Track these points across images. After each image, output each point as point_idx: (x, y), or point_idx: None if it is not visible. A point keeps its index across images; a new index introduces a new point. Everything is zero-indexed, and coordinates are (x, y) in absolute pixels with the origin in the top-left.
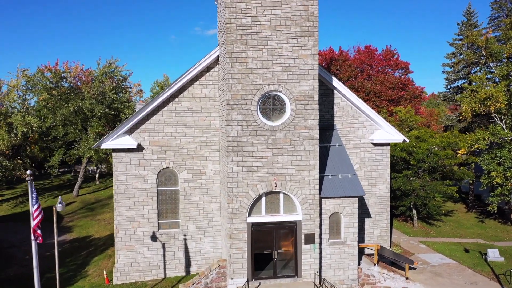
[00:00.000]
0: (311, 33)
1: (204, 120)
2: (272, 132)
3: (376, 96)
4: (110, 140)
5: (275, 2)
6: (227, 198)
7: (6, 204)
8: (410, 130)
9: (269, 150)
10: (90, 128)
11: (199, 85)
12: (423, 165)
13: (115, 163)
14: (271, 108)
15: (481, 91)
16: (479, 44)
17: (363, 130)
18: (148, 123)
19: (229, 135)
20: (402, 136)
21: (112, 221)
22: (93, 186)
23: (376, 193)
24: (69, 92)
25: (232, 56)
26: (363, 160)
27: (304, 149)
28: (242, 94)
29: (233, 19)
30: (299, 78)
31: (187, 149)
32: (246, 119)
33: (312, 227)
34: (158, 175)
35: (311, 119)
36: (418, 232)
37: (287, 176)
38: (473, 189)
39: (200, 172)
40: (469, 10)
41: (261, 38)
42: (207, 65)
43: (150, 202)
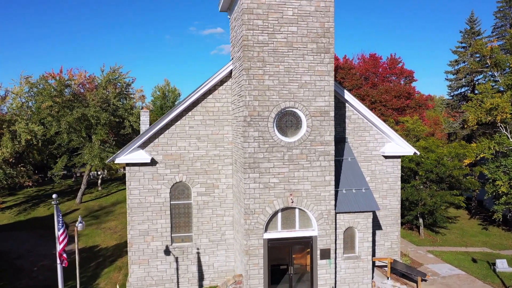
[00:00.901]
0: (327, 50)
1: (217, 134)
2: (288, 148)
3: (382, 105)
4: (124, 154)
5: (292, 19)
6: (244, 214)
7: (9, 211)
8: (417, 140)
9: (285, 166)
10: (94, 136)
11: (212, 99)
12: (431, 175)
13: (129, 177)
14: (287, 124)
15: (487, 101)
16: (484, 53)
17: (374, 143)
18: (161, 137)
19: (246, 151)
20: (413, 149)
21: (117, 230)
22: (95, 192)
23: (387, 205)
24: (73, 100)
25: (249, 73)
26: (374, 173)
27: (320, 165)
28: (259, 110)
29: (250, 36)
30: (315, 95)
31: (200, 162)
32: (263, 136)
33: (327, 242)
34: (171, 189)
35: (327, 135)
36: (424, 241)
37: (303, 192)
38: (476, 195)
39: (213, 186)
40: (472, 18)
41: (277, 55)
42: (220, 79)
43: (164, 216)
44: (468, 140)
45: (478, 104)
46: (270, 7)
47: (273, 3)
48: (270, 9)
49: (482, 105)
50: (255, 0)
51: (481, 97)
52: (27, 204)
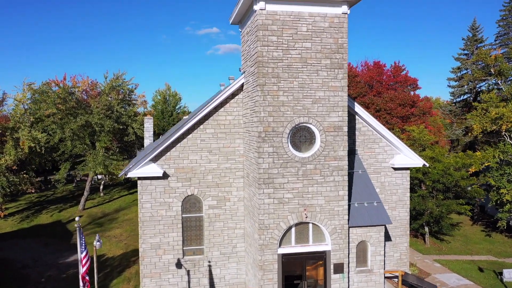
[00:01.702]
0: (341, 65)
1: (229, 147)
2: (302, 163)
3: (387, 113)
4: (136, 168)
5: (306, 35)
6: (258, 229)
7: (12, 218)
8: (423, 149)
9: (299, 181)
10: (98, 143)
11: (223, 112)
12: (437, 185)
13: (141, 190)
14: (301, 140)
15: (491, 110)
16: (488, 62)
17: (384, 154)
18: (173, 151)
19: (261, 167)
20: (422, 160)
21: (122, 238)
22: (97, 198)
23: (396, 217)
24: (77, 107)
25: (263, 89)
26: (384, 184)
27: (334, 179)
28: (273, 126)
29: (264, 52)
30: (328, 110)
31: (212, 175)
32: (277, 151)
33: (341, 256)
34: (183, 202)
35: (340, 150)
36: (430, 250)
37: (317, 207)
38: (478, 201)
39: (225, 199)
40: (474, 25)
41: (292, 71)
42: (231, 93)
43: (175, 229)
44: (470, 146)
45: (482, 113)
46: (284, 23)
47: (287, 19)
48: (285, 25)
49: (487, 114)
50: (269, 17)
51: (485, 106)
52: (29, 211)
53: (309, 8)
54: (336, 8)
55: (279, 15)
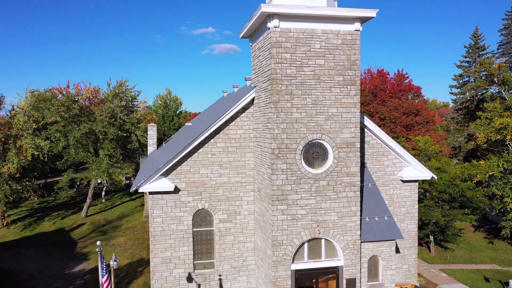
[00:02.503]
0: (353, 82)
1: (239, 160)
2: (315, 180)
3: (391, 122)
4: (148, 183)
5: (319, 52)
6: (272, 246)
7: (14, 226)
8: (428, 158)
9: (312, 197)
10: (101, 150)
11: (234, 126)
12: (444, 195)
13: (152, 205)
14: (313, 156)
15: (496, 120)
16: (492, 71)
17: (392, 167)
18: (184, 165)
19: (274, 184)
20: (430, 173)
21: (127, 247)
22: (100, 205)
23: (404, 229)
24: (80, 114)
25: (277, 106)
26: (392, 197)
27: (346, 195)
28: (287, 143)
29: (278, 70)
30: (341, 126)
31: (223, 189)
32: (291, 168)
33: (353, 272)
34: (194, 216)
35: (353, 166)
36: (435, 259)
37: (329, 223)
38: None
39: (235, 212)
40: (477, 33)
41: (305, 88)
42: (242, 107)
43: (186, 243)
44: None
45: (487, 122)
46: (298, 41)
47: (301, 37)
48: (298, 43)
49: (491, 124)
50: (283, 34)
51: (489, 115)
52: (31, 218)
53: (322, 25)
54: (349, 25)
55: (293, 33)
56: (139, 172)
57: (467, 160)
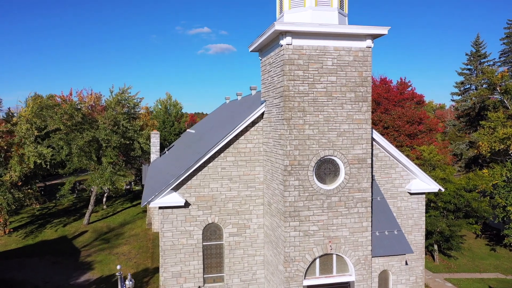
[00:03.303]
0: (365, 98)
1: (249, 174)
2: (327, 196)
3: (395, 130)
4: (159, 198)
5: (331, 69)
6: (284, 262)
7: (16, 234)
8: (433, 168)
9: (324, 213)
10: (104, 158)
11: (244, 140)
12: (449, 205)
13: (162, 219)
14: (325, 172)
15: (499, 130)
16: (494, 81)
17: (400, 180)
18: (194, 179)
19: (286, 200)
20: (438, 185)
21: (131, 256)
22: (101, 211)
23: (412, 241)
24: (82, 122)
25: (290, 123)
26: (400, 209)
27: (358, 211)
28: (299, 160)
29: (291, 87)
30: (353, 143)
31: (232, 203)
32: (303, 184)
33: (364, 287)
34: (204, 230)
35: (364, 182)
36: (440, 267)
37: (341, 239)
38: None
39: (245, 226)
40: (478, 41)
41: (317, 105)
42: (252, 121)
43: (196, 257)
44: (474, 160)
45: (490, 132)
46: (310, 58)
47: (313, 54)
48: (311, 60)
49: (495, 133)
50: (296, 51)
51: (493, 125)
52: (33, 226)
53: (334, 43)
54: (361, 42)
55: (305, 50)
56: (146, 184)
57: (469, 167)
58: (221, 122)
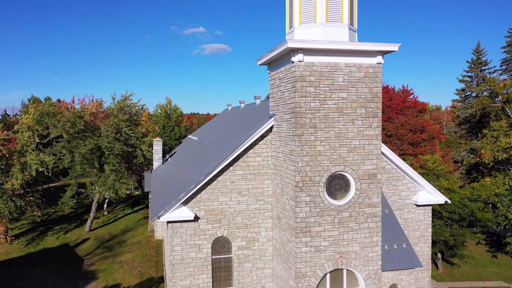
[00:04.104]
0: (375, 114)
1: (258, 187)
2: (338, 211)
3: (398, 139)
4: (168, 213)
5: (342, 85)
6: (295, 277)
7: (17, 242)
8: (436, 177)
9: (335, 229)
10: (106, 165)
11: (252, 154)
12: (453, 215)
13: (171, 233)
14: (336, 188)
15: (502, 140)
16: (496, 90)
17: (407, 192)
18: (203, 193)
19: (298, 216)
20: (444, 197)
21: (135, 265)
22: (102, 217)
23: (419, 252)
24: (85, 129)
25: (301, 139)
26: (407, 221)
27: (368, 226)
28: (310, 176)
29: (302, 103)
30: (363, 158)
31: (241, 217)
32: (314, 200)
33: None
34: (213, 243)
35: (374, 197)
36: (443, 276)
37: (352, 254)
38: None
39: (253, 239)
40: (479, 49)
41: (328, 121)
42: (261, 135)
43: (205, 271)
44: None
45: (493, 140)
46: (322, 74)
47: (324, 70)
48: (322, 76)
49: (497, 143)
50: (307, 68)
51: (495, 134)
52: (34, 233)
53: (345, 59)
54: (371, 59)
55: (317, 66)
56: (153, 196)
57: (470, 174)
58: (227, 133)
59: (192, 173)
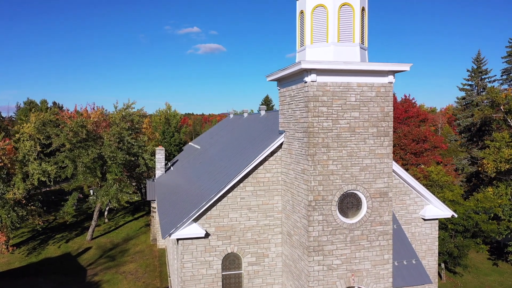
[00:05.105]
0: (387, 133)
1: (267, 203)
2: (350, 230)
3: (401, 149)
4: (180, 230)
5: (354, 105)
6: None
7: (18, 251)
8: (440, 188)
9: (347, 247)
10: (109, 174)
11: (262, 170)
12: (458, 227)
13: (182, 250)
14: (348, 206)
15: (505, 151)
16: (499, 101)
17: (414, 206)
18: (214, 209)
19: (311, 235)
20: (451, 211)
21: (139, 275)
22: (103, 225)
23: (426, 266)
24: (87, 138)
25: (314, 159)
26: (414, 235)
27: (379, 244)
28: (323, 195)
29: (315, 123)
30: (375, 177)
31: (251, 233)
32: (327, 219)
33: None
34: (223, 259)
35: (386, 215)
36: (447, 286)
37: (363, 272)
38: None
39: (263, 255)
40: (479, 57)
41: (341, 140)
42: (271, 152)
43: (215, 287)
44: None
45: (495, 151)
46: (334, 94)
47: (337, 90)
48: (335, 96)
49: (500, 153)
50: (320, 88)
51: (498, 145)
52: (35, 242)
53: (357, 79)
54: (383, 78)
55: (329, 86)
56: (160, 211)
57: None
58: (233, 145)
59: (201, 188)
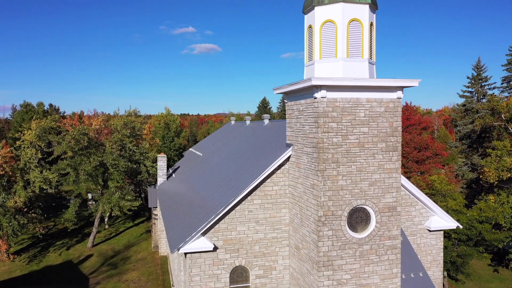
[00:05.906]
0: (395, 148)
1: (275, 216)
2: (359, 244)
3: (403, 157)
4: (188, 244)
5: (364, 120)
6: None
7: (19, 259)
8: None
9: (356, 262)
10: (110, 181)
11: (270, 183)
12: (461, 236)
13: (190, 264)
14: (357, 221)
15: (507, 159)
16: (500, 109)
17: (420, 217)
18: (221, 223)
19: (320, 250)
20: (456, 222)
21: (142, 284)
22: (103, 232)
23: (431, 277)
24: (89, 146)
25: (324, 174)
26: (420, 246)
27: (388, 258)
28: (332, 210)
29: (325, 139)
30: (384, 192)
31: (259, 245)
32: (336, 234)
33: None
34: (231, 273)
35: (394, 230)
36: None
37: (372, 286)
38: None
39: (271, 268)
40: (479, 65)
41: (350, 156)
42: (278, 165)
43: None
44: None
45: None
46: (344, 110)
47: (346, 106)
48: (344, 112)
49: (501, 162)
50: (330, 104)
51: (499, 153)
52: (35, 249)
53: (367, 94)
54: (392, 94)
55: (339, 102)
56: (166, 223)
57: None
58: (238, 154)
59: (208, 200)
